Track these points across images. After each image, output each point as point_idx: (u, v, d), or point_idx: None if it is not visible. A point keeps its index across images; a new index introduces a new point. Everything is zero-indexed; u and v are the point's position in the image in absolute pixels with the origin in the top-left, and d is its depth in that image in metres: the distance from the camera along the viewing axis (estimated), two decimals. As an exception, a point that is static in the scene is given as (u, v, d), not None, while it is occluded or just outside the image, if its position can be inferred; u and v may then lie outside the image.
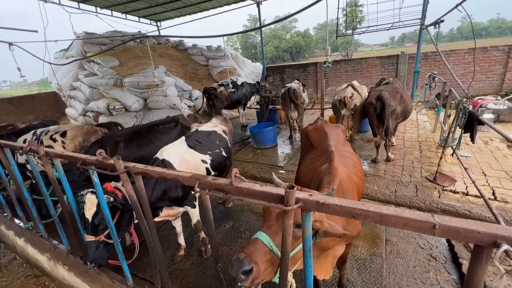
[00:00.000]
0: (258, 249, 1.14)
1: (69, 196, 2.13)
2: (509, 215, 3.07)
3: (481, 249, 0.71)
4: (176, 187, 2.57)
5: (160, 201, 2.48)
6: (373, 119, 4.44)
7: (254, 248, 1.14)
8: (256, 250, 1.14)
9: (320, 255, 1.68)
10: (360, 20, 10.50)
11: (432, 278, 2.49)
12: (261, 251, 1.14)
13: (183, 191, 2.62)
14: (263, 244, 1.16)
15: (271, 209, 1.25)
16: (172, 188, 2.54)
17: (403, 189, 3.87)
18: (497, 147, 4.82)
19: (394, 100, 4.36)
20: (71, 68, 8.78)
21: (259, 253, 1.14)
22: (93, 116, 7.98)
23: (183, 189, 2.62)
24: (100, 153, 1.57)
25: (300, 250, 1.15)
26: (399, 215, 0.79)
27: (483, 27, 78.00)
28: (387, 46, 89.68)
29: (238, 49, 54.79)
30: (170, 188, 2.52)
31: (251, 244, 1.18)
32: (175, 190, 2.56)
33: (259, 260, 1.11)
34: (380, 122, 4.36)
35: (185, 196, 2.68)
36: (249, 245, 1.17)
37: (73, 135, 3.83)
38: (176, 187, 2.57)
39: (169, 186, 2.51)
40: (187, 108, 8.44)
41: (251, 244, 1.17)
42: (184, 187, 2.60)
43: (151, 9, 10.51)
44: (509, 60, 8.24)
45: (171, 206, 2.61)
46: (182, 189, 2.61)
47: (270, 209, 1.26)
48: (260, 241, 1.16)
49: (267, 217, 1.28)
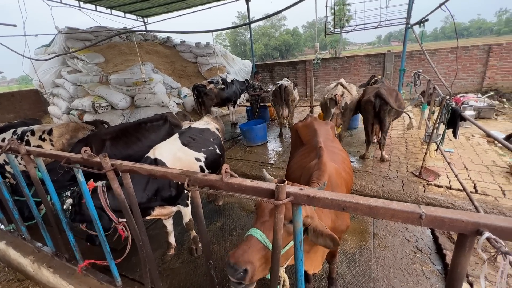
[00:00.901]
0: (252, 246, 1.14)
1: (53, 196, 2.05)
2: (489, 207, 3.20)
3: (464, 238, 0.74)
4: (170, 186, 2.52)
5: (152, 201, 2.42)
6: (370, 117, 4.42)
7: (247, 246, 1.14)
8: (250, 248, 1.14)
9: (310, 250, 1.70)
10: (348, 18, 10.65)
11: (418, 269, 2.58)
12: (255, 248, 1.14)
13: (177, 190, 2.57)
14: (257, 240, 1.16)
15: (263, 205, 1.26)
16: (165, 187, 2.49)
17: (390, 184, 3.97)
18: (478, 142, 5.02)
19: (391, 98, 4.36)
20: (53, 64, 8.45)
21: (253, 250, 1.13)
22: (77, 115, 7.73)
23: (176, 188, 2.57)
24: (86, 151, 1.52)
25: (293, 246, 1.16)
26: (387, 206, 0.81)
27: (464, 27, 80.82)
28: (374, 44, 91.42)
29: (227, 47, 54.40)
30: (163, 187, 2.48)
31: (245, 241, 1.17)
32: (168, 189, 2.51)
33: (253, 258, 1.11)
34: (378, 119, 4.36)
35: (179, 195, 2.64)
36: (243, 242, 1.17)
37: (60, 132, 3.72)
38: (170, 186, 2.52)
39: (162, 185, 2.46)
40: (175, 106, 8.31)
41: (245, 242, 1.17)
42: (178, 186, 2.57)
43: (137, 5, 10.24)
44: (488, 59, 8.58)
45: (164, 206, 2.56)
46: (175, 188, 2.56)
47: (263, 205, 1.26)
48: (254, 237, 1.16)
49: (260, 213, 1.28)
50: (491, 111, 6.40)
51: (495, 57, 8.50)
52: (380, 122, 4.37)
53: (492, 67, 8.62)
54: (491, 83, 8.78)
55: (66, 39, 8.12)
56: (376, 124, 4.46)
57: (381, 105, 4.23)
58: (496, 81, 8.74)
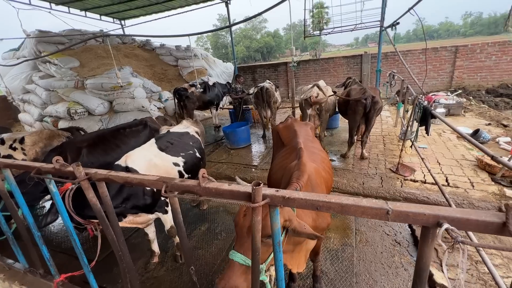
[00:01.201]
0: (235, 271, 1.22)
1: (23, 209, 1.94)
2: (460, 199, 3.41)
3: (427, 230, 0.79)
4: (144, 194, 2.41)
5: (120, 208, 2.32)
6: (358, 117, 4.44)
7: (231, 272, 1.22)
8: (234, 274, 1.22)
9: (294, 249, 1.73)
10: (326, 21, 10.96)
11: (397, 262, 2.69)
12: (238, 272, 1.22)
13: (152, 197, 2.47)
14: (240, 264, 1.23)
15: (240, 223, 1.32)
16: (137, 195, 2.37)
17: (370, 181, 4.12)
18: (449, 138, 5.33)
19: (378, 97, 4.47)
20: (23, 69, 7.99)
21: (237, 275, 1.22)
22: (51, 122, 7.35)
23: (152, 196, 2.46)
24: (57, 160, 1.46)
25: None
26: (357, 204, 0.85)
27: (434, 29, 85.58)
28: (352, 46, 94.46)
29: (208, 49, 54.04)
30: (135, 194, 2.36)
31: (228, 268, 1.25)
32: (142, 197, 2.40)
33: (238, 281, 1.20)
34: (365, 119, 4.43)
35: (155, 202, 2.53)
36: (227, 269, 1.25)
37: (33, 141, 3.53)
38: (144, 194, 2.41)
39: (134, 192, 2.35)
40: (156, 110, 8.14)
41: (229, 268, 1.25)
42: (153, 193, 2.47)
43: (113, 7, 9.94)
44: (456, 59, 9.15)
45: (137, 213, 2.46)
46: (150, 195, 2.46)
47: (240, 224, 1.32)
48: (236, 262, 1.23)
49: (239, 233, 1.33)
50: (460, 108, 6.82)
51: (461, 58, 9.08)
52: (367, 121, 4.46)
53: (460, 67, 9.20)
54: (459, 82, 9.36)
55: (37, 43, 7.71)
56: (362, 124, 4.57)
57: (373, 104, 4.29)
58: (463, 80, 9.33)
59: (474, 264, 2.50)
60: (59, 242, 3.60)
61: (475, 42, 9.03)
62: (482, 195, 3.42)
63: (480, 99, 8.13)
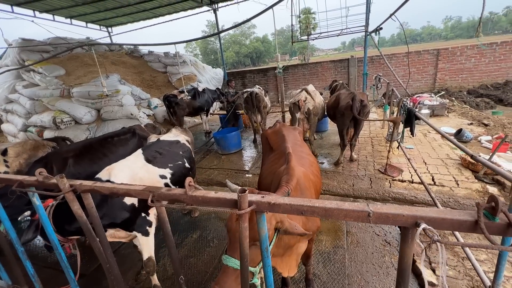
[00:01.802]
0: (229, 276, 1.22)
1: (5, 224, 1.88)
2: (446, 197, 3.51)
3: (406, 230, 0.82)
4: (123, 209, 2.21)
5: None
6: (347, 121, 4.46)
7: (226, 277, 1.22)
8: (228, 279, 1.22)
9: (284, 253, 1.74)
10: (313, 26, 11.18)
11: (387, 262, 2.73)
12: (233, 276, 1.22)
13: (130, 212, 2.25)
14: (233, 269, 1.23)
15: (233, 228, 1.32)
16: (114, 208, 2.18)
17: (360, 182, 4.18)
18: (434, 138, 5.49)
19: (366, 101, 4.49)
20: (5, 78, 7.78)
21: (231, 280, 1.22)
22: (36, 131, 7.16)
23: (130, 210, 2.24)
24: (41, 173, 1.43)
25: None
26: (340, 207, 0.87)
27: (417, 33, 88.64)
28: (339, 50, 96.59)
29: (198, 55, 54.04)
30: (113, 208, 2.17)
31: (222, 272, 1.25)
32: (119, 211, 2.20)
33: (232, 286, 1.20)
34: (354, 123, 4.47)
35: (132, 219, 2.28)
36: (221, 273, 1.25)
37: (16, 152, 3.42)
38: (123, 209, 2.21)
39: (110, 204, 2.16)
40: (146, 117, 8.05)
41: (222, 273, 1.25)
42: (132, 209, 2.26)
43: (100, 14, 9.86)
44: (438, 62, 9.48)
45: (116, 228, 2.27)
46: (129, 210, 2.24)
47: (233, 229, 1.32)
48: (230, 267, 1.23)
49: (231, 238, 1.33)
50: (443, 109, 7.05)
51: (443, 60, 9.43)
52: (357, 125, 4.49)
53: (442, 69, 9.54)
54: (441, 83, 9.70)
55: (20, 51, 7.53)
56: (351, 128, 4.59)
57: (362, 108, 4.31)
58: (445, 82, 9.67)
59: (461, 261, 2.56)
60: (44, 256, 3.48)
61: (455, 45, 9.41)
62: (467, 193, 3.53)
63: (462, 100, 8.44)
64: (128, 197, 2.17)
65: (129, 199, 2.22)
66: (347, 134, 4.68)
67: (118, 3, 8.91)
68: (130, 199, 2.21)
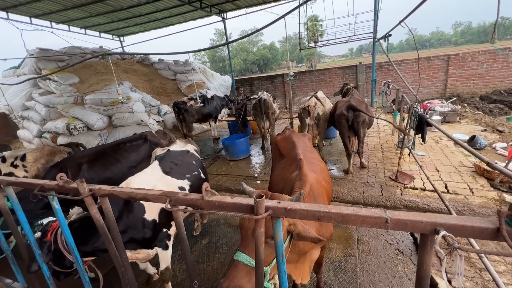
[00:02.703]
0: (239, 271, 1.21)
1: (24, 227, 1.94)
2: (460, 205, 3.42)
3: (425, 237, 0.81)
4: (144, 226, 2.13)
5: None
6: (345, 130, 4.47)
7: (236, 271, 1.21)
8: (238, 273, 1.21)
9: (298, 260, 1.73)
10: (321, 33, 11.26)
11: (400, 271, 2.67)
12: (243, 272, 1.21)
13: (153, 230, 2.19)
14: (244, 264, 1.22)
15: (246, 225, 1.32)
16: (136, 227, 2.10)
17: (370, 190, 4.13)
18: (446, 145, 5.39)
19: (363, 109, 4.39)
20: (23, 86, 8.09)
21: (241, 275, 1.20)
22: (50, 138, 7.38)
23: (152, 228, 2.19)
24: (61, 177, 1.48)
25: None
26: (357, 213, 0.87)
27: (426, 39, 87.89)
28: (347, 57, 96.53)
29: (206, 63, 55.00)
30: (134, 226, 2.10)
31: (233, 267, 1.24)
32: (142, 230, 2.12)
33: (243, 281, 1.19)
34: (353, 131, 4.42)
35: (155, 235, 2.24)
36: (232, 268, 1.24)
37: (34, 157, 3.54)
38: (144, 226, 2.13)
39: (132, 224, 2.09)
40: (156, 123, 8.20)
41: (233, 268, 1.24)
42: (155, 225, 2.22)
43: (113, 24, 10.22)
44: (448, 68, 9.37)
45: (136, 250, 2.19)
46: (151, 228, 2.18)
47: (245, 226, 1.32)
48: (240, 263, 1.23)
49: (244, 235, 1.33)
50: (455, 115, 6.92)
51: (453, 66, 9.31)
52: (356, 133, 4.45)
53: (452, 75, 9.41)
54: (453, 89, 9.55)
55: (37, 60, 7.86)
56: (352, 136, 4.54)
57: (354, 117, 4.31)
58: (457, 88, 9.52)
59: (478, 272, 2.48)
60: (58, 260, 3.55)
61: (466, 51, 9.29)
62: (482, 201, 3.43)
63: (475, 106, 8.27)
64: (149, 214, 2.14)
65: (150, 215, 2.15)
66: (350, 143, 4.61)
67: (130, 14, 9.23)
68: (151, 215, 2.16)
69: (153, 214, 2.20)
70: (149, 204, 2.14)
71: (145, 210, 2.17)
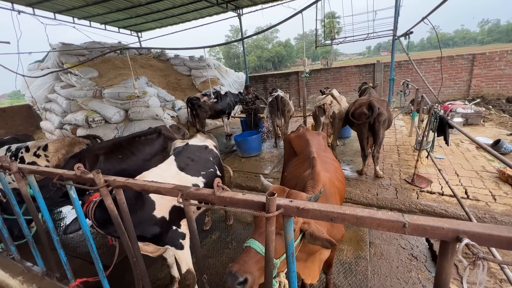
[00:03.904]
0: (251, 258, 1.18)
1: (44, 214, 2.03)
2: (481, 212, 3.26)
3: (446, 244, 0.77)
4: (154, 223, 2.09)
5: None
6: (364, 130, 4.26)
7: (247, 257, 1.18)
8: (250, 259, 1.18)
9: (307, 259, 1.71)
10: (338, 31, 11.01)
11: (414, 277, 2.58)
12: (254, 259, 1.18)
13: (161, 227, 2.13)
14: (256, 252, 1.19)
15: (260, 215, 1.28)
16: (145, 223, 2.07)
17: (384, 192, 4.01)
18: (467, 148, 5.14)
19: (383, 108, 4.22)
20: (46, 80, 8.44)
21: (252, 261, 1.17)
22: (70, 129, 7.68)
23: (160, 225, 2.13)
24: (79, 167, 1.53)
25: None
26: (373, 216, 0.84)
27: (449, 37, 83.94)
28: (364, 55, 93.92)
29: (221, 59, 55.22)
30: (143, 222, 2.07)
31: (244, 253, 1.21)
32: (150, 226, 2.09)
33: (252, 268, 1.16)
34: (372, 131, 4.21)
35: (164, 233, 2.17)
36: (242, 254, 1.21)
37: (55, 148, 3.69)
38: (154, 223, 2.09)
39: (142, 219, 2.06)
40: (170, 118, 8.34)
41: (244, 253, 1.21)
42: (163, 222, 2.14)
43: (131, 20, 10.45)
44: (473, 67, 8.91)
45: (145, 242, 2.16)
46: (160, 225, 2.12)
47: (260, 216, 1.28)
48: (252, 249, 1.20)
49: (258, 223, 1.31)
50: (478, 117, 6.59)
51: (479, 66, 8.83)
52: (374, 134, 4.22)
53: (477, 75, 8.94)
54: (477, 90, 9.08)
55: (60, 55, 8.18)
56: (370, 137, 4.31)
57: (377, 116, 4.08)
58: (481, 89, 9.04)
59: (498, 283, 2.36)
60: (75, 246, 3.70)
61: (493, 50, 8.78)
62: (505, 209, 3.26)
63: (501, 108, 7.83)
64: (158, 210, 2.12)
65: (159, 212, 2.13)
66: (368, 144, 4.39)
67: (148, 10, 9.39)
68: (160, 211, 2.13)
69: (163, 211, 2.16)
70: (160, 201, 2.13)
71: (155, 207, 2.13)
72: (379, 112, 4.10)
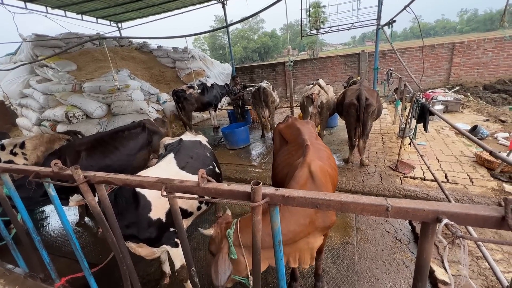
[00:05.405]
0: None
1: (22, 214, 1.94)
2: (460, 195, 3.42)
3: (427, 225, 0.79)
4: (149, 225, 2.03)
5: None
6: (353, 120, 4.25)
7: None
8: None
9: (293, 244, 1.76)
10: (323, 20, 10.95)
11: (398, 259, 2.69)
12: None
13: (158, 230, 2.08)
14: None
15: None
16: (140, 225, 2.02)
17: (370, 179, 4.12)
18: (447, 134, 5.34)
19: (373, 99, 4.21)
20: (20, 73, 7.97)
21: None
22: (49, 126, 7.33)
23: (158, 228, 2.08)
24: (56, 164, 1.46)
25: None
26: (357, 201, 0.85)
27: (431, 27, 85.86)
28: (349, 45, 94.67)
29: (206, 50, 54.05)
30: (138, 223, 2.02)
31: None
32: (146, 229, 2.03)
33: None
34: (360, 122, 4.17)
35: (160, 235, 2.14)
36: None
37: (33, 145, 3.52)
38: (149, 225, 2.03)
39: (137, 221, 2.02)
40: (155, 112, 8.12)
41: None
42: (161, 224, 2.10)
43: (110, 10, 9.93)
44: (453, 56, 9.17)
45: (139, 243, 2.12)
46: (156, 228, 2.07)
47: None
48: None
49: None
50: (458, 104, 6.83)
51: (458, 54, 9.11)
52: (363, 124, 4.20)
53: (456, 64, 9.23)
54: (456, 78, 9.39)
55: (33, 47, 7.69)
56: (358, 127, 4.30)
57: (365, 107, 4.07)
58: (460, 77, 9.36)
59: (475, 260, 2.50)
60: (59, 246, 3.59)
61: (471, 39, 9.06)
62: (482, 191, 3.43)
63: (478, 95, 8.16)
64: (154, 211, 2.04)
65: (156, 214, 2.06)
66: (355, 134, 4.40)
67: (128, -2, 8.95)
68: (157, 213, 2.06)
69: (159, 213, 2.09)
70: (157, 202, 2.05)
71: (151, 208, 2.05)
72: (368, 103, 4.07)
